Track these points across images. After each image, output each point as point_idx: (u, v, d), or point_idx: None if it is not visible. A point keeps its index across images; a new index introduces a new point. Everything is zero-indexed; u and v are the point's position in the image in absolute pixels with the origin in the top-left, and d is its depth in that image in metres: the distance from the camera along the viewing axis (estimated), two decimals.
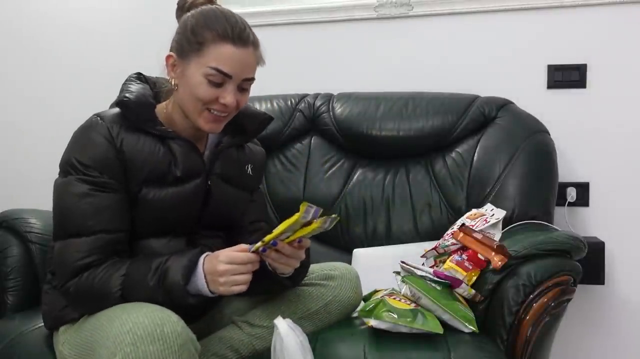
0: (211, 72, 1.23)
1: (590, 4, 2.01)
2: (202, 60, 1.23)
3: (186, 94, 1.27)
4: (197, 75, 1.24)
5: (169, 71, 1.30)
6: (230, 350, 1.30)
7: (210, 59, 1.23)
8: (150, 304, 1.14)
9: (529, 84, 2.07)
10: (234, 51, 1.23)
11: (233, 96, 1.25)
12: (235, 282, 1.16)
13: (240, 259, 1.17)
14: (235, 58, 1.23)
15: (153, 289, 1.17)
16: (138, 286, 1.18)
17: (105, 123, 1.26)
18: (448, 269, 1.46)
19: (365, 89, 2.10)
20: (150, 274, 1.18)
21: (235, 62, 1.24)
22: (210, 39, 1.23)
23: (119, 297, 1.19)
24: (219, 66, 1.22)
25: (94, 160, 1.23)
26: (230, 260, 1.16)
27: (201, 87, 1.24)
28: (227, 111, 1.27)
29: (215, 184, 1.36)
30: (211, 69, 1.23)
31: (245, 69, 1.26)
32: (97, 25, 2.42)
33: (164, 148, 1.30)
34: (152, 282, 1.18)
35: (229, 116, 1.30)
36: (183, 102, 1.29)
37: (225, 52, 1.23)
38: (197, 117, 1.27)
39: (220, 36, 1.23)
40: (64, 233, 1.24)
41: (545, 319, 1.36)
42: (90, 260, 1.21)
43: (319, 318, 1.38)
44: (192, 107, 1.27)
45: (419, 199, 1.92)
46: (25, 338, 1.43)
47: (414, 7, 2.15)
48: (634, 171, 2.01)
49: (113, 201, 1.24)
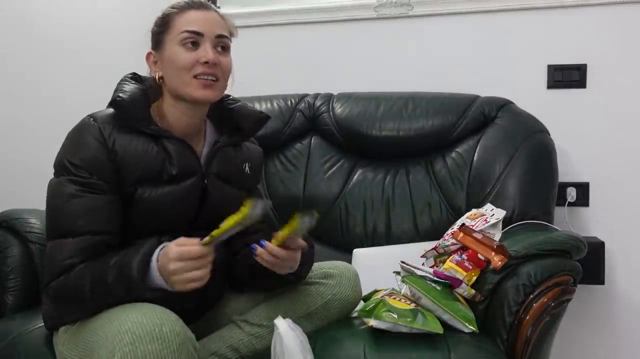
0: (183, 35, 1.28)
1: (590, 4, 2.01)
2: (173, 33, 1.30)
3: (169, 72, 1.30)
4: (174, 47, 1.29)
5: (152, 68, 1.34)
6: (230, 349, 1.30)
7: (178, 28, 1.29)
8: (150, 304, 1.14)
9: (529, 84, 2.07)
10: (197, 13, 1.30)
11: (211, 53, 1.28)
12: (191, 279, 1.12)
13: (191, 255, 1.12)
14: (201, 18, 1.31)
15: (112, 285, 1.16)
16: (100, 283, 1.17)
17: (98, 124, 1.26)
18: (448, 269, 1.46)
19: (365, 89, 2.10)
20: (108, 270, 1.17)
21: (202, 20, 1.30)
22: (175, 13, 1.31)
23: (89, 299, 1.18)
24: (188, 27, 1.29)
25: (84, 161, 1.24)
26: (180, 257, 1.12)
27: (179, 54, 1.28)
28: (212, 71, 1.29)
29: (212, 182, 1.36)
30: (182, 33, 1.28)
31: (213, 26, 1.31)
32: (97, 26, 2.42)
33: (157, 147, 1.30)
34: (110, 278, 1.16)
35: (218, 81, 1.31)
36: (171, 83, 1.31)
37: (191, 16, 1.31)
38: (188, 87, 1.28)
39: (183, 8, 1.31)
40: (54, 233, 1.25)
41: (545, 319, 1.36)
42: (75, 261, 1.21)
43: (318, 317, 1.38)
44: (180, 81, 1.29)
45: (419, 199, 1.92)
46: (25, 338, 1.43)
47: (414, 7, 2.15)
48: (634, 171, 2.01)
49: (102, 203, 1.24)
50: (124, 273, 1.16)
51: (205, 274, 1.14)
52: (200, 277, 1.13)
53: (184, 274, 1.12)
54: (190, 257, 1.12)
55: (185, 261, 1.12)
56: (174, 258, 1.12)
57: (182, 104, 1.32)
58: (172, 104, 1.33)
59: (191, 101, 1.31)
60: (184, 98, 1.30)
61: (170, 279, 1.14)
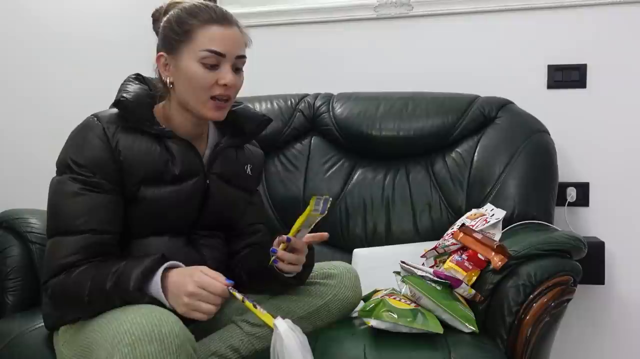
0: (205, 54, 1.25)
1: (590, 4, 2.01)
2: (194, 47, 1.26)
3: (185, 86, 1.28)
4: (192, 64, 1.26)
5: (162, 71, 1.32)
6: (230, 349, 1.30)
7: (201, 43, 1.25)
8: (149, 305, 1.14)
9: (529, 84, 2.07)
10: (222, 31, 1.27)
11: (231, 75, 1.27)
12: (199, 309, 1.14)
13: (213, 288, 1.14)
14: (225, 37, 1.27)
15: (109, 292, 1.16)
16: (99, 288, 1.17)
17: (101, 123, 1.27)
18: (448, 269, 1.46)
19: (365, 89, 2.10)
20: (108, 276, 1.17)
21: (226, 40, 1.27)
22: (197, 25, 1.26)
23: (87, 302, 1.18)
24: (212, 47, 1.25)
25: (87, 160, 1.24)
26: (202, 284, 1.14)
27: (198, 73, 1.26)
28: (228, 93, 1.28)
29: (214, 183, 1.37)
30: (204, 51, 1.25)
31: (236, 47, 1.29)
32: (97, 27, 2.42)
33: (160, 147, 1.30)
34: (108, 285, 1.16)
35: (230, 101, 1.31)
36: (183, 96, 1.30)
37: (215, 33, 1.26)
38: (202, 107, 1.28)
39: (206, 20, 1.26)
40: (54, 231, 1.25)
41: (545, 319, 1.36)
42: (74, 259, 1.21)
43: (318, 317, 1.38)
44: (195, 98, 1.28)
45: (419, 199, 1.92)
46: (25, 338, 1.43)
47: (414, 7, 2.15)
48: (634, 171, 2.01)
49: (104, 202, 1.24)
50: (121, 283, 1.16)
51: (212, 312, 1.15)
52: (207, 312, 1.14)
53: (196, 301, 1.13)
54: (210, 290, 1.14)
55: (204, 291, 1.13)
56: (197, 282, 1.13)
57: (188, 114, 1.32)
58: (178, 110, 1.33)
59: (199, 118, 1.31)
60: (192, 112, 1.31)
61: (180, 299, 1.14)
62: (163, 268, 1.18)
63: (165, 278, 1.17)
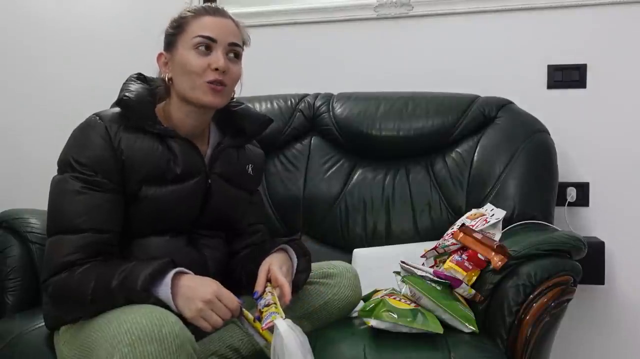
0: (197, 40, 1.29)
1: (590, 4, 2.01)
2: (186, 37, 1.30)
3: (180, 74, 1.30)
4: (186, 52, 1.29)
5: (163, 70, 1.34)
6: (230, 349, 1.30)
7: (193, 31, 1.30)
8: (149, 305, 1.14)
9: (529, 84, 2.07)
10: (213, 19, 1.31)
11: (223, 60, 1.29)
12: (209, 318, 1.15)
13: (228, 301, 1.17)
14: (216, 24, 1.31)
15: (114, 291, 1.16)
16: (104, 286, 1.17)
17: (104, 122, 1.27)
18: (448, 269, 1.46)
19: (365, 89, 2.10)
20: (115, 275, 1.17)
21: (216, 27, 1.30)
22: (191, 17, 1.31)
23: (89, 301, 1.18)
24: (202, 32, 1.29)
25: (89, 159, 1.24)
26: (219, 296, 1.16)
27: (191, 58, 1.29)
28: (221, 78, 1.29)
29: (215, 182, 1.37)
30: (196, 37, 1.29)
31: (227, 34, 1.31)
32: (97, 27, 2.42)
33: (162, 146, 1.30)
34: (114, 283, 1.16)
35: (226, 87, 1.31)
36: (180, 86, 1.31)
37: (206, 21, 1.31)
38: (196, 91, 1.29)
39: (199, 12, 1.32)
40: (55, 229, 1.25)
41: (545, 319, 1.36)
42: (74, 258, 1.21)
43: (318, 316, 1.38)
44: (189, 84, 1.29)
45: (419, 199, 1.92)
46: (25, 338, 1.43)
47: (414, 7, 2.15)
48: (634, 171, 2.01)
49: (105, 201, 1.25)
50: (128, 282, 1.16)
51: (219, 325, 1.17)
52: (215, 323, 1.16)
53: (208, 311, 1.15)
54: (226, 303, 1.16)
55: (219, 303, 1.16)
56: (216, 292, 1.16)
57: (188, 107, 1.33)
58: (178, 106, 1.34)
59: (198, 105, 1.32)
60: (191, 101, 1.31)
61: (192, 303, 1.15)
62: (174, 272, 1.18)
63: (175, 281, 1.17)
